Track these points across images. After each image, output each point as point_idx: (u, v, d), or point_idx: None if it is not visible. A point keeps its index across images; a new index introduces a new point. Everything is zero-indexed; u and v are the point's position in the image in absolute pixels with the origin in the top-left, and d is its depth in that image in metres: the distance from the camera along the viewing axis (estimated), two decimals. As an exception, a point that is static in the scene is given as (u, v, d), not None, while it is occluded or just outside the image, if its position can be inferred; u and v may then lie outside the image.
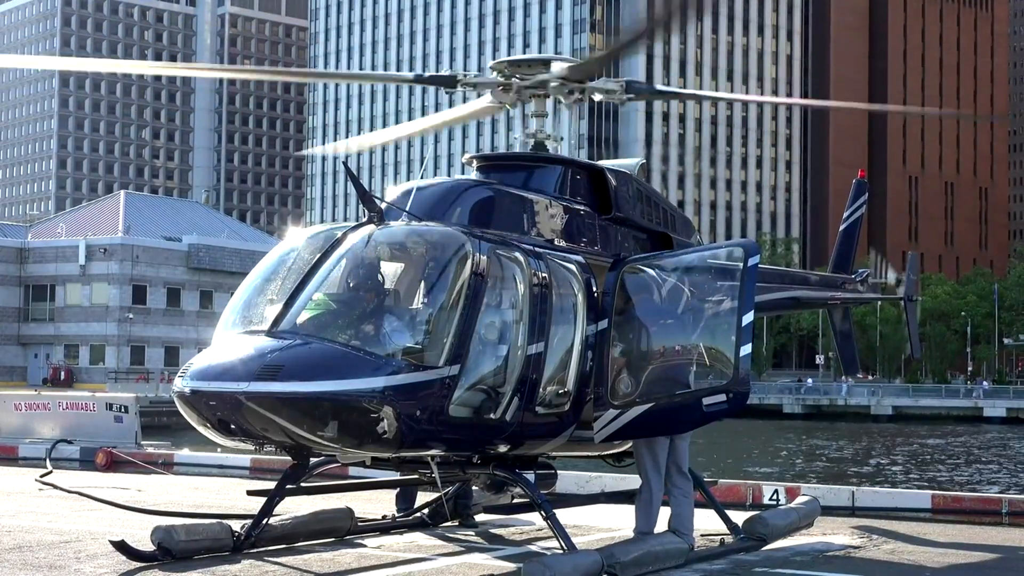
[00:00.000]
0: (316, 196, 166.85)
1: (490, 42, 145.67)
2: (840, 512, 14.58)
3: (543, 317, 9.55)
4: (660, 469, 10.35)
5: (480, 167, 11.25)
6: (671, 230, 12.05)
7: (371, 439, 8.69)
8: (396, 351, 8.79)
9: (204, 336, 10.58)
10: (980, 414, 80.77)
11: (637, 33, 10.92)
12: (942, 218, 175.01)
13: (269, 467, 18.45)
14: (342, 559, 10.07)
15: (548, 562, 8.80)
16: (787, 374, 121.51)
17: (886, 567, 10.30)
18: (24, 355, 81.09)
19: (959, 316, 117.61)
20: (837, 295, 16.12)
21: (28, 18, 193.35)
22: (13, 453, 22.21)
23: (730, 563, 10.21)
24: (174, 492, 15.34)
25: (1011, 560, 11.13)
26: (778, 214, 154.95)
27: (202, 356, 9.10)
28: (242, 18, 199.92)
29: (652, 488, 10.34)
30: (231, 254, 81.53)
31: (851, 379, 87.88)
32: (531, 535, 11.62)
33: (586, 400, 10.01)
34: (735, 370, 9.67)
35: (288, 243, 10.00)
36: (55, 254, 79.42)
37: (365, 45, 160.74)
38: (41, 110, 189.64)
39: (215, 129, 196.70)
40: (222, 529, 10.10)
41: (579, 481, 15.71)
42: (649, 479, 10.35)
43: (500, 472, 9.75)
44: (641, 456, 10.40)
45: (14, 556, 9.80)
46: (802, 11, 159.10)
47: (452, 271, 9.17)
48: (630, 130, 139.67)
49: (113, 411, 22.47)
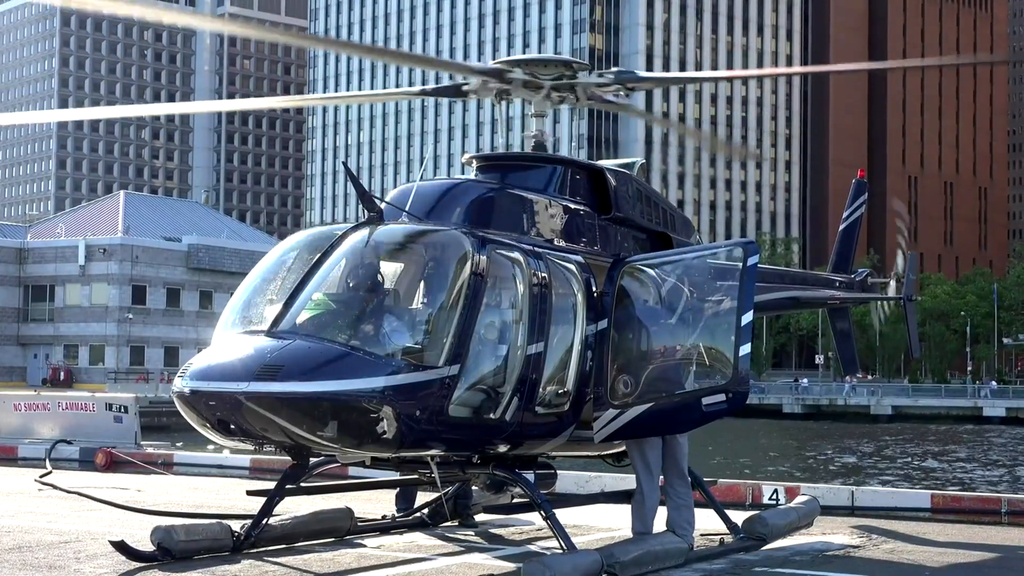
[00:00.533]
0: (316, 196, 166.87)
1: (490, 42, 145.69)
2: (840, 512, 14.58)
3: (543, 317, 9.55)
4: (652, 470, 10.35)
5: (480, 167, 11.25)
6: (671, 230, 12.05)
7: (371, 439, 8.69)
8: (396, 351, 8.79)
9: (204, 336, 10.59)
10: (980, 414, 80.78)
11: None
12: (941, 218, 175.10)
13: (269, 467, 18.45)
14: (342, 559, 10.07)
15: (548, 562, 8.80)
16: (787, 374, 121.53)
17: (886, 567, 10.30)
18: (24, 355, 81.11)
19: (959, 316, 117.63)
20: (836, 295, 16.13)
21: (27, 18, 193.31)
22: (12, 453, 22.21)
23: (730, 563, 10.21)
24: (174, 492, 15.34)
25: (1010, 559, 11.14)
26: (778, 214, 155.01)
27: (202, 356, 9.10)
28: (241, 19, 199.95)
29: (645, 489, 10.34)
30: (231, 254, 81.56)
31: (854, 379, 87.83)
32: (531, 535, 11.62)
33: (586, 400, 10.01)
34: (734, 370, 9.68)
35: (288, 243, 10.00)
36: (55, 254, 79.44)
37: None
38: (40, 110, 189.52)
39: (215, 129, 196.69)
40: (222, 529, 10.10)
41: (579, 481, 15.71)
42: (642, 480, 10.35)
43: (500, 472, 9.75)
44: (633, 457, 10.43)
45: (14, 556, 9.80)
46: (801, 11, 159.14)
47: (452, 271, 9.17)
48: (630, 130, 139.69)
49: (113, 411, 22.47)
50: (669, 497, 10.48)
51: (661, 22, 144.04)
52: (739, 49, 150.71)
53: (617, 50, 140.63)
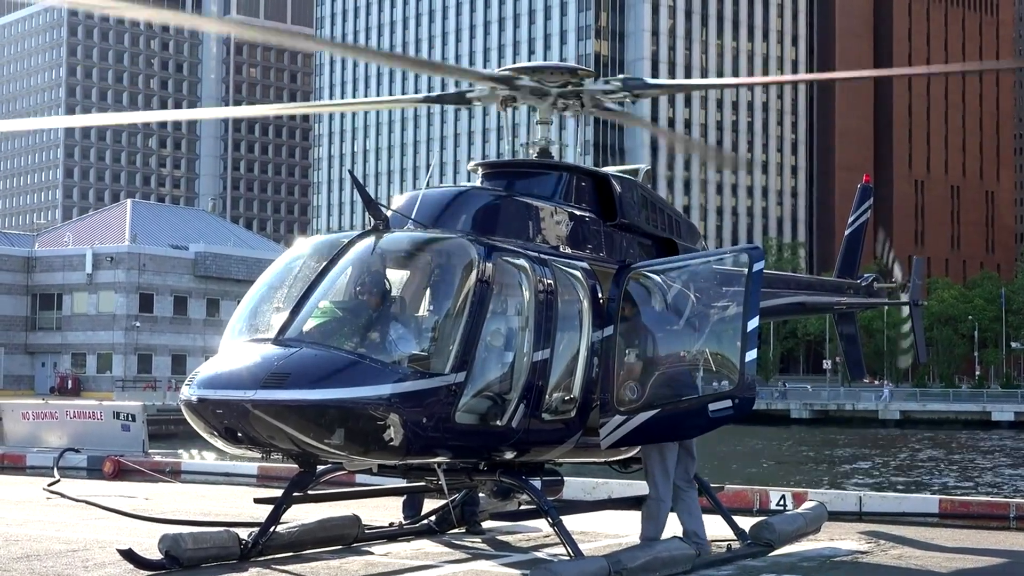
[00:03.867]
0: (322, 204, 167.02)
1: (495, 49, 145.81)
2: (847, 517, 14.54)
3: (549, 324, 9.55)
4: (670, 476, 10.34)
5: (485, 174, 11.26)
6: (676, 236, 12.06)
7: (378, 446, 8.70)
8: (402, 358, 8.80)
9: (211, 344, 10.63)
10: (988, 418, 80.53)
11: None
12: (948, 222, 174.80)
13: (276, 475, 18.44)
14: (349, 566, 10.07)
15: (555, 568, 8.80)
16: (794, 379, 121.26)
17: (894, 572, 10.29)
18: (31, 364, 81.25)
19: (966, 320, 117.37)
20: (843, 300, 16.12)
21: (35, 28, 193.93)
22: (21, 462, 22.22)
23: (737, 569, 10.20)
24: (181, 500, 15.35)
25: (1019, 565, 11.12)
26: (784, 219, 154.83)
27: (209, 364, 9.11)
28: (247, 26, 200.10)
29: (660, 495, 10.33)
30: (238, 262, 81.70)
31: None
32: (538, 541, 11.61)
33: (592, 406, 10.02)
34: (740, 375, 9.68)
35: (294, 251, 10.01)
36: (62, 263, 79.62)
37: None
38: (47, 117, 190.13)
39: (221, 137, 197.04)
40: (229, 537, 10.11)
41: (585, 487, 15.68)
42: (658, 486, 10.34)
43: (507, 479, 9.76)
44: (652, 462, 10.39)
45: (22, 565, 9.82)
46: (806, 16, 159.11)
47: (458, 278, 9.19)
48: (636, 137, 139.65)
49: (120, 419, 22.45)
50: (681, 502, 10.48)
51: (666, 28, 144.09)
52: (744, 54, 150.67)
53: (622, 56, 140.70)
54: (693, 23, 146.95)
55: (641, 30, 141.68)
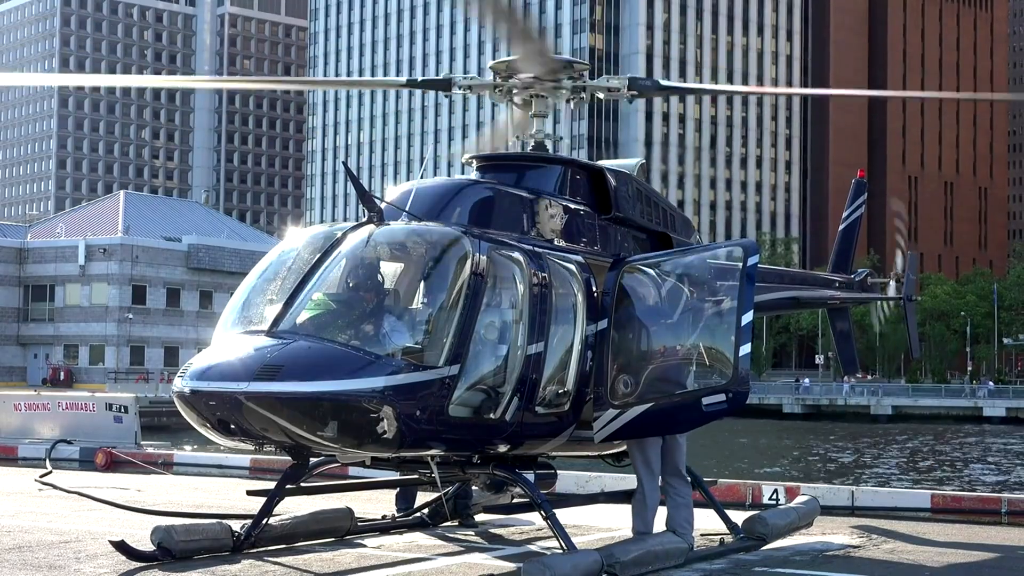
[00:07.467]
0: (316, 196, 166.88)
1: (490, 42, 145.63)
2: (840, 512, 14.58)
3: (543, 317, 9.54)
4: (653, 469, 10.35)
5: (480, 167, 11.24)
6: (671, 230, 12.05)
7: (371, 439, 8.68)
8: (396, 351, 8.79)
9: (204, 336, 10.60)
10: (980, 414, 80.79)
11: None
12: (941, 218, 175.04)
13: (269, 467, 18.44)
14: (342, 559, 10.07)
15: (548, 562, 8.80)
16: (787, 374, 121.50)
17: (885, 566, 10.30)
18: (24, 355, 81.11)
19: (958, 316, 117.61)
20: (836, 295, 16.13)
21: (27, 18, 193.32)
22: (13, 453, 22.21)
23: (730, 562, 10.22)
24: (174, 492, 15.34)
25: (1010, 559, 11.14)
26: (778, 214, 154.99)
27: (202, 356, 9.09)
28: (242, 18, 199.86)
29: (646, 489, 10.34)
30: (231, 254, 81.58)
31: (853, 379, 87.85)
32: (531, 535, 11.62)
33: (586, 400, 10.01)
34: (734, 370, 9.67)
35: (287, 243, 9.98)
36: (55, 254, 79.44)
37: (365, 45, 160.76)
38: (40, 110, 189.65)
39: (215, 129, 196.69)
40: (222, 529, 10.10)
41: (579, 481, 15.70)
42: (643, 480, 10.35)
43: (500, 472, 9.75)
44: (634, 457, 10.42)
45: (14, 556, 9.80)
46: (802, 11, 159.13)
47: (452, 271, 9.17)
48: (630, 130, 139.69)
49: (113, 411, 22.45)
50: (669, 496, 10.49)
51: (661, 22, 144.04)
52: (739, 49, 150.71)
53: (617, 50, 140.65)
54: (688, 17, 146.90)
55: (636, 24, 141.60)
